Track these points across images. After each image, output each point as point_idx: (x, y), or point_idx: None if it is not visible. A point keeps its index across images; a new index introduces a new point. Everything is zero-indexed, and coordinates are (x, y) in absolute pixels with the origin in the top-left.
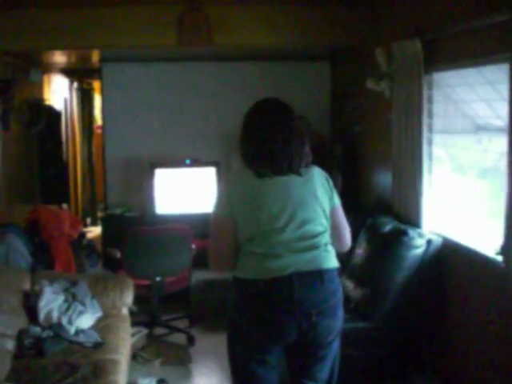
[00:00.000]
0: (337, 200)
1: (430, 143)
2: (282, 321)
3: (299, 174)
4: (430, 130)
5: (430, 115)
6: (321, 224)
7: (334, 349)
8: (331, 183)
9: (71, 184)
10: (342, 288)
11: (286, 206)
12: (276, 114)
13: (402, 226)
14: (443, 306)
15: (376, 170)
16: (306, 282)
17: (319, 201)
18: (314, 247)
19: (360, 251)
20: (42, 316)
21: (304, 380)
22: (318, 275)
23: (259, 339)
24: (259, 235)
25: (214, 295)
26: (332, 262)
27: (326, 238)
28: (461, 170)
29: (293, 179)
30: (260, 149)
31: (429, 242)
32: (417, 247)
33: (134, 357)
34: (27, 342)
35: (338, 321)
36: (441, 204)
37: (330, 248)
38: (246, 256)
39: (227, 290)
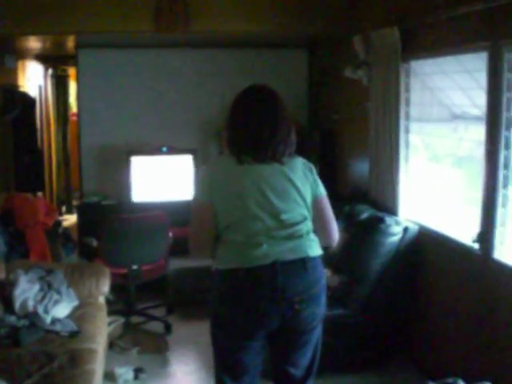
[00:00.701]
0: (321, 191)
1: (406, 131)
2: (265, 309)
3: (281, 162)
4: (407, 118)
5: (407, 103)
6: (300, 214)
7: (316, 335)
8: (315, 173)
9: (46, 172)
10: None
11: (265, 194)
12: (263, 102)
13: (379, 214)
14: (420, 294)
15: (353, 158)
16: (289, 270)
17: (299, 190)
18: (297, 236)
19: None
20: (17, 305)
21: (285, 366)
22: (302, 263)
23: (242, 326)
24: (237, 222)
25: (190, 283)
26: (315, 250)
27: (308, 225)
28: (436, 159)
29: (273, 167)
30: (246, 136)
31: (405, 229)
32: (393, 234)
33: (111, 346)
34: (3, 331)
35: (321, 307)
36: (417, 192)
37: (313, 236)
38: (225, 245)
39: (204, 278)
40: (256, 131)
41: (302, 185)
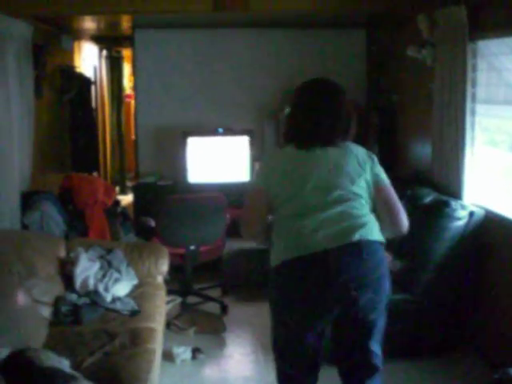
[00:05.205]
0: (384, 179)
1: (472, 113)
2: (321, 297)
3: (335, 146)
4: (473, 99)
5: (474, 84)
6: (352, 192)
7: (379, 328)
8: (374, 161)
9: (101, 152)
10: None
11: (322, 178)
12: (324, 98)
13: (444, 198)
14: (485, 279)
15: (414, 140)
16: (344, 255)
17: (357, 173)
18: (352, 218)
19: None
20: (78, 283)
21: (352, 354)
22: (356, 247)
23: (299, 318)
24: (293, 208)
25: (247, 265)
26: (373, 234)
27: (365, 209)
28: (492, 142)
29: (330, 151)
30: (305, 132)
31: (471, 213)
32: (459, 219)
33: (168, 325)
34: (64, 309)
35: (381, 295)
36: (481, 175)
37: (370, 219)
38: (279, 235)
39: (260, 259)
40: (314, 130)
41: (356, 169)
